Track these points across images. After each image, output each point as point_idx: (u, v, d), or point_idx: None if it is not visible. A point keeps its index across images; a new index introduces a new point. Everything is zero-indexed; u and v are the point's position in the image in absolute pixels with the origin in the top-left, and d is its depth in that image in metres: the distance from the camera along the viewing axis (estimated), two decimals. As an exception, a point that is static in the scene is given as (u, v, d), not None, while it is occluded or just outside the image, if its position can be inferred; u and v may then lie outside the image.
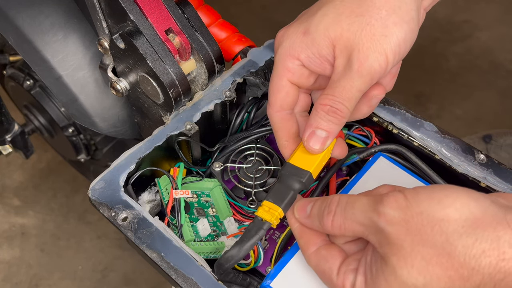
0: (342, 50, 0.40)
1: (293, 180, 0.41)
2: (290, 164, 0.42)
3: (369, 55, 0.39)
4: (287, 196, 0.41)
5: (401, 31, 0.39)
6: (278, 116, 0.44)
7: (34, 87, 0.86)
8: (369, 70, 0.39)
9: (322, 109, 0.40)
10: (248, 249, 0.39)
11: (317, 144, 0.41)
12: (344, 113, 0.40)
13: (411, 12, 0.40)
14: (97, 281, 1.13)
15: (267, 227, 0.40)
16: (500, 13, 1.56)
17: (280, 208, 0.40)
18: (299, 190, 0.41)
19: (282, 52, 0.43)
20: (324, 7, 0.41)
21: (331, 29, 0.40)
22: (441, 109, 1.37)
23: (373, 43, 0.39)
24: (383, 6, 0.39)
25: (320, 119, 0.40)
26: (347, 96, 0.40)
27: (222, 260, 0.39)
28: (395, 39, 0.39)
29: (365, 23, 0.39)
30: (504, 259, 0.30)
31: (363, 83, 0.40)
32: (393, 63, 0.40)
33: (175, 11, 0.49)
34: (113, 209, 0.43)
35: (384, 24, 0.39)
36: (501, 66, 1.45)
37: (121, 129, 0.65)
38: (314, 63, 0.42)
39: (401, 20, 0.39)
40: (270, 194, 0.41)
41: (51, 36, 0.60)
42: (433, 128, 0.48)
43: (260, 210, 0.40)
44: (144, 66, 0.47)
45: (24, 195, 1.25)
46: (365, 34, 0.39)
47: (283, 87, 0.43)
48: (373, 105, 0.45)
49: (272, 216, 0.40)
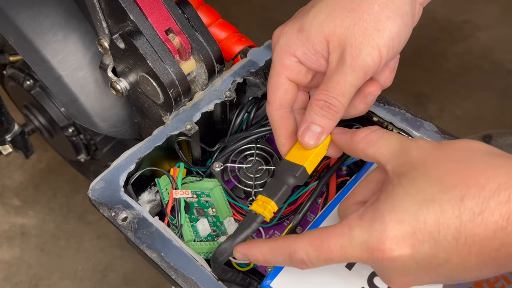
0: (336, 46, 0.40)
1: (287, 175, 0.42)
2: (285, 160, 0.43)
3: (362, 49, 0.39)
4: (280, 189, 0.41)
5: (394, 25, 0.39)
6: (277, 114, 0.45)
7: (34, 87, 0.86)
8: (362, 65, 0.39)
9: (316, 104, 0.41)
10: (240, 242, 0.39)
11: (311, 139, 0.41)
12: (338, 108, 0.41)
13: (404, 6, 0.40)
14: (97, 281, 1.13)
15: (260, 220, 0.40)
16: (500, 13, 1.56)
17: (273, 201, 0.40)
18: (293, 184, 0.42)
19: (278, 50, 0.43)
20: (318, 5, 0.42)
21: (324, 25, 0.41)
22: (441, 109, 1.37)
23: (365, 38, 0.39)
24: (375, 1, 0.40)
25: (315, 114, 0.41)
26: (341, 91, 0.40)
27: (216, 253, 0.39)
28: (388, 33, 0.39)
29: (357, 18, 0.40)
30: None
31: (356, 78, 0.40)
32: (387, 58, 0.40)
33: (175, 11, 0.49)
34: (113, 209, 0.43)
35: (376, 19, 0.39)
36: (501, 66, 1.44)
37: (121, 129, 0.65)
38: (310, 60, 0.42)
39: (394, 14, 0.39)
40: (265, 188, 0.42)
41: (51, 36, 0.60)
42: (433, 128, 0.48)
43: (254, 204, 0.41)
44: (144, 66, 0.47)
45: (24, 195, 1.25)
46: (358, 29, 0.39)
47: (282, 85, 0.44)
48: (369, 102, 0.45)
49: (264, 209, 0.40)
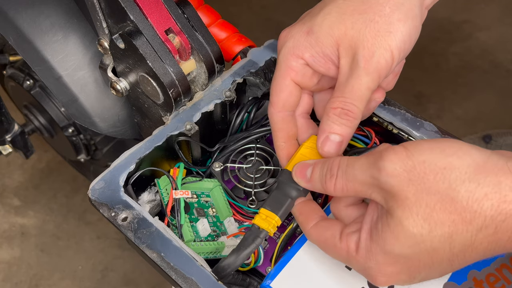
0: (347, 49, 0.40)
1: (290, 187, 0.41)
2: (288, 171, 0.42)
3: (375, 51, 0.39)
4: (284, 204, 0.41)
5: (406, 27, 0.39)
6: (279, 116, 0.44)
7: (34, 87, 0.86)
8: (376, 67, 0.39)
9: (333, 112, 0.40)
10: (244, 257, 0.39)
11: (332, 149, 0.41)
12: (356, 113, 0.40)
13: (414, 9, 0.40)
14: (97, 281, 1.13)
15: (264, 235, 0.40)
16: (500, 13, 1.56)
17: (277, 216, 0.40)
18: (296, 197, 0.41)
19: (286, 51, 0.43)
20: (327, 7, 0.41)
21: (334, 28, 0.40)
22: (441, 109, 1.37)
23: (378, 40, 0.39)
24: (386, 3, 0.39)
25: (333, 123, 0.40)
26: (357, 95, 0.40)
27: (219, 268, 0.39)
28: (399, 35, 0.39)
29: (368, 20, 0.39)
30: (505, 201, 0.31)
31: (371, 80, 0.39)
32: (399, 60, 0.40)
33: (175, 11, 0.49)
34: (113, 209, 0.43)
35: (388, 21, 0.39)
36: (501, 66, 1.44)
37: (121, 129, 0.65)
38: (318, 63, 0.42)
39: (405, 17, 0.39)
40: (267, 201, 0.41)
41: (51, 36, 0.60)
42: (433, 128, 0.48)
43: (257, 218, 0.40)
44: (144, 66, 0.47)
45: (24, 195, 1.25)
46: (369, 31, 0.39)
47: (287, 87, 0.43)
48: (372, 108, 0.45)
49: (269, 224, 0.40)
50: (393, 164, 0.33)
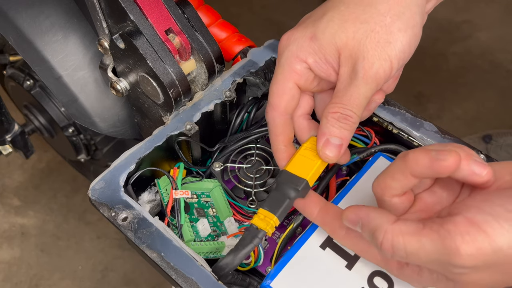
0: (347, 58, 0.40)
1: (289, 188, 0.41)
2: (287, 171, 0.42)
3: (374, 62, 0.39)
4: (282, 204, 0.41)
5: (406, 36, 0.40)
6: (281, 119, 0.44)
7: (34, 87, 0.86)
8: (374, 77, 0.39)
9: (332, 116, 0.40)
10: (242, 257, 0.39)
11: (333, 152, 0.41)
12: (354, 119, 0.40)
13: (415, 17, 0.40)
14: (97, 281, 1.13)
15: (262, 235, 0.40)
16: (500, 13, 1.56)
17: (275, 216, 0.40)
18: (295, 198, 0.41)
19: (289, 55, 0.43)
20: (330, 12, 0.42)
21: (337, 37, 0.40)
22: (441, 109, 1.37)
23: (377, 51, 0.39)
24: (387, 13, 0.40)
25: (332, 127, 0.40)
26: (355, 103, 0.40)
27: (217, 268, 0.39)
28: (399, 45, 0.39)
29: (369, 30, 0.40)
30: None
31: (369, 89, 0.40)
32: (397, 68, 0.41)
33: (175, 11, 0.49)
34: (113, 209, 0.43)
35: (388, 31, 0.39)
36: (501, 66, 1.44)
37: (121, 129, 0.65)
38: (320, 68, 0.42)
39: (405, 26, 0.40)
40: (266, 202, 0.41)
41: (51, 36, 0.60)
42: (433, 128, 0.48)
43: (256, 218, 0.40)
44: (144, 66, 0.47)
45: (24, 195, 1.25)
46: (370, 42, 0.39)
47: (290, 90, 0.43)
48: (371, 109, 0.46)
49: (267, 224, 0.40)
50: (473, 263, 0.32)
